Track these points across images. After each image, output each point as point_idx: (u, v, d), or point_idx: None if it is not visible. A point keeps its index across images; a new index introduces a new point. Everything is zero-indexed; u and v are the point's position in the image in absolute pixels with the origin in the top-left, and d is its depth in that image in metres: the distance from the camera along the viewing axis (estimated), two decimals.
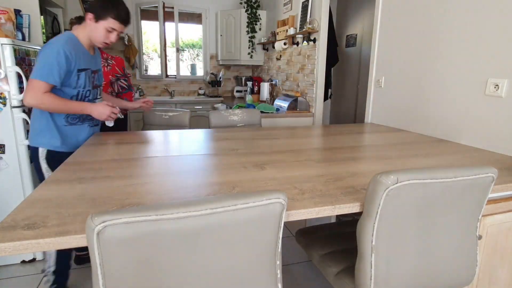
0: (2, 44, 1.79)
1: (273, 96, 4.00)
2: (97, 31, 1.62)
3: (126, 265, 0.65)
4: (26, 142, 1.92)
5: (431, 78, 1.93)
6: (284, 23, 3.75)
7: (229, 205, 0.69)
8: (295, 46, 3.57)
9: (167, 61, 4.79)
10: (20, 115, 1.89)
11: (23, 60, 1.96)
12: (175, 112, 2.51)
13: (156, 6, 4.47)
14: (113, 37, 1.63)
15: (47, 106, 1.50)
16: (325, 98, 3.54)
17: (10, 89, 1.85)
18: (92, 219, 0.61)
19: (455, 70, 1.77)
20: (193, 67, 5.07)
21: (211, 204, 0.67)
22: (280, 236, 0.80)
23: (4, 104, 1.84)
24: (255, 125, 2.50)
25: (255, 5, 4.44)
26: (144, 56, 4.82)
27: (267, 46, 4.52)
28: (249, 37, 4.48)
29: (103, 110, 1.63)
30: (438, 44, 1.86)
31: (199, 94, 4.95)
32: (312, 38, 3.19)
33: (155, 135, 1.87)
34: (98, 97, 1.79)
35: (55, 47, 1.49)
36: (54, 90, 1.53)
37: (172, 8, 4.62)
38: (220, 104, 4.34)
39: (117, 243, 0.63)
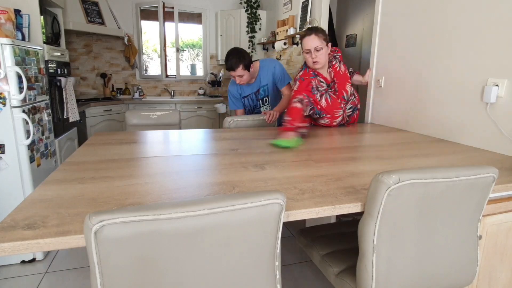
0: (2, 44, 1.79)
1: None
2: None
3: (123, 265, 0.65)
4: (26, 142, 1.92)
5: (431, 78, 1.92)
6: (284, 23, 3.75)
7: (227, 206, 0.69)
8: (295, 46, 3.57)
9: (167, 61, 4.79)
10: (20, 115, 1.89)
11: (23, 60, 1.96)
12: (164, 112, 2.44)
13: (156, 6, 4.48)
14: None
15: None
16: None
17: (10, 89, 1.85)
18: (90, 219, 0.61)
19: (455, 69, 1.76)
20: (193, 67, 5.07)
21: (209, 204, 0.67)
22: (279, 237, 0.80)
23: (4, 104, 1.84)
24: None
25: (255, 5, 4.44)
26: (144, 56, 4.81)
27: (267, 46, 4.52)
28: (249, 37, 4.48)
29: None
30: (438, 44, 1.86)
31: (199, 94, 4.95)
32: None
33: (155, 135, 1.86)
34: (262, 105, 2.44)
35: None
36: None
37: (172, 8, 4.61)
38: (220, 104, 4.34)
39: (114, 243, 0.63)
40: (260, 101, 2.44)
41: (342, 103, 2.01)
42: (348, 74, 2.07)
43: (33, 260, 2.05)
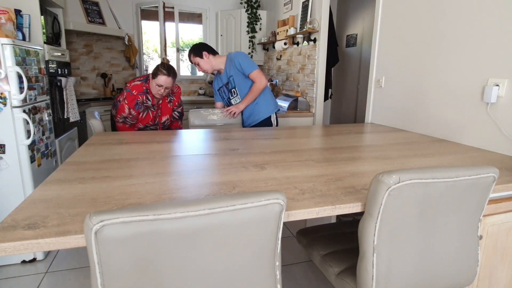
0: (2, 44, 1.79)
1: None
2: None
3: (124, 265, 0.65)
4: (27, 142, 1.92)
5: (431, 78, 1.92)
6: (284, 23, 3.75)
7: (228, 206, 0.69)
8: (295, 46, 3.57)
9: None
10: (20, 115, 1.89)
11: (23, 60, 1.96)
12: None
13: (156, 6, 4.48)
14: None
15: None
16: (325, 98, 3.53)
17: (11, 89, 1.85)
18: (90, 219, 0.61)
19: (455, 69, 1.76)
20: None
21: (209, 204, 0.67)
22: (279, 236, 0.79)
23: (5, 104, 1.85)
24: (235, 125, 2.49)
25: (255, 5, 4.44)
26: (144, 56, 4.81)
27: (267, 46, 4.52)
28: (249, 37, 4.48)
29: None
30: (438, 44, 1.86)
31: (199, 94, 4.95)
32: (312, 38, 3.19)
33: (155, 135, 1.87)
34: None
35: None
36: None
37: (172, 8, 4.62)
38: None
39: (115, 243, 0.63)
40: (230, 92, 2.49)
41: (154, 122, 2.44)
42: (172, 109, 2.52)
43: (34, 260, 2.05)
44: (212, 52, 2.43)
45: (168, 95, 2.45)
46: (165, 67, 2.21)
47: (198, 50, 2.39)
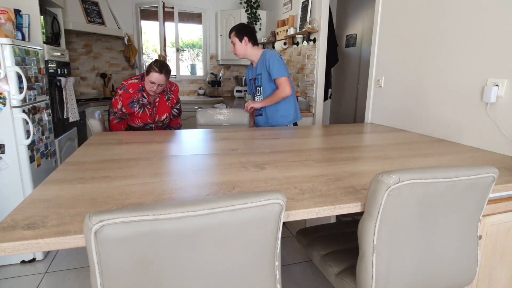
0: (2, 44, 1.79)
1: None
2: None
3: (124, 265, 0.65)
4: (26, 142, 1.92)
5: (431, 78, 1.92)
6: (284, 23, 3.75)
7: (227, 206, 0.69)
8: (295, 46, 3.57)
9: (167, 61, 4.79)
10: (20, 115, 1.88)
11: (23, 60, 1.96)
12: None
13: (156, 6, 4.47)
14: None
15: None
16: (325, 98, 3.54)
17: (10, 89, 1.85)
18: (90, 219, 0.61)
19: (455, 70, 1.76)
20: (193, 67, 5.07)
21: (209, 204, 0.67)
22: (279, 236, 0.79)
23: (4, 104, 1.84)
24: (243, 125, 2.48)
25: (255, 5, 4.44)
26: (144, 56, 4.81)
27: (267, 46, 4.51)
28: None
29: None
30: (438, 44, 1.86)
31: (199, 94, 4.95)
32: (312, 38, 3.19)
33: (155, 136, 1.86)
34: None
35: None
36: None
37: (172, 8, 4.62)
38: (220, 104, 4.34)
39: (114, 243, 0.63)
40: (256, 89, 2.46)
41: (153, 120, 2.38)
42: (171, 107, 2.48)
43: (33, 260, 2.05)
44: (253, 41, 2.38)
45: (166, 93, 2.41)
46: (157, 64, 2.17)
47: (241, 32, 2.34)
